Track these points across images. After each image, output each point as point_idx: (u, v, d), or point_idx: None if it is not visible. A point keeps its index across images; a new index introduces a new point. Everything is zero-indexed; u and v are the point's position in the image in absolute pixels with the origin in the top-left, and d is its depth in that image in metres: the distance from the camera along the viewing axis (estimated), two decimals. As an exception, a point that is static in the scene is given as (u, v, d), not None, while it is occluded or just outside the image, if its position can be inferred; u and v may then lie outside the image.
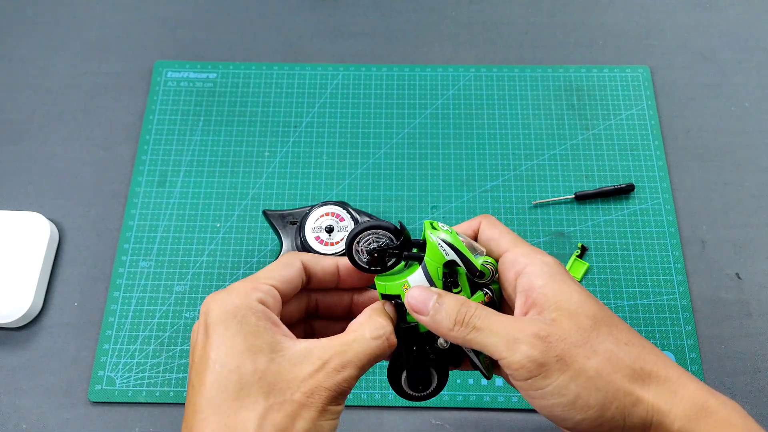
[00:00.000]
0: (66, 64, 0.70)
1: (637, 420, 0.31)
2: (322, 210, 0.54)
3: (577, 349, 0.31)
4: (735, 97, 0.67)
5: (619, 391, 0.31)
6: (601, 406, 0.31)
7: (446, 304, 0.34)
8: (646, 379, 0.32)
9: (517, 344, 0.31)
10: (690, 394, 0.32)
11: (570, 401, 0.31)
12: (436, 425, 0.53)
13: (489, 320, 0.33)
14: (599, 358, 0.31)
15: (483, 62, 0.70)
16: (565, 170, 0.63)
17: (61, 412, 0.54)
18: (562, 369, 0.31)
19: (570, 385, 0.31)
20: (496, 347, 0.32)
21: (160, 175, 0.63)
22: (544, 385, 0.31)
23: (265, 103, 0.67)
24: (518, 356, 0.31)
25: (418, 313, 0.34)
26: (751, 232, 0.61)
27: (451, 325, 0.33)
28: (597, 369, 0.31)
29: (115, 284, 0.58)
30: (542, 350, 0.31)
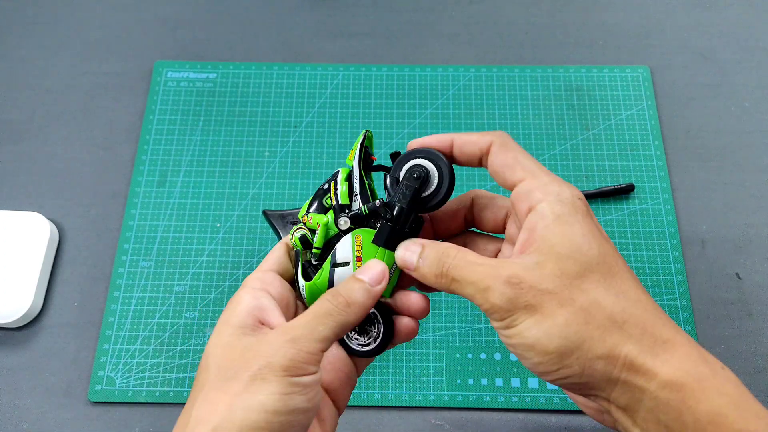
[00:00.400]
0: (66, 64, 0.70)
1: (599, 374, 0.30)
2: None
3: (549, 296, 0.31)
4: (735, 97, 0.67)
5: (585, 342, 0.30)
6: (559, 354, 0.30)
7: (428, 257, 0.34)
8: (627, 333, 0.30)
9: (488, 292, 0.31)
10: (678, 357, 0.30)
11: (530, 344, 0.31)
12: (436, 425, 0.53)
13: (465, 270, 0.33)
14: (573, 307, 0.30)
15: (483, 62, 0.70)
16: (565, 170, 0.63)
17: (61, 412, 0.54)
18: (529, 314, 0.31)
19: (532, 329, 0.31)
20: (473, 296, 0.32)
21: (160, 175, 0.63)
22: (512, 325, 0.31)
23: (265, 103, 0.67)
24: (488, 304, 0.32)
25: (408, 269, 0.35)
26: (751, 232, 0.61)
27: (434, 279, 0.34)
28: (566, 317, 0.30)
29: (115, 284, 0.58)
30: (510, 297, 0.31)
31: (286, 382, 0.30)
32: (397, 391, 0.54)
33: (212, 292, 0.58)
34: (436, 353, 0.56)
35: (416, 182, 0.36)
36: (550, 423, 0.53)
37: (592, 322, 0.30)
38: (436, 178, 0.36)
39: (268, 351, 0.31)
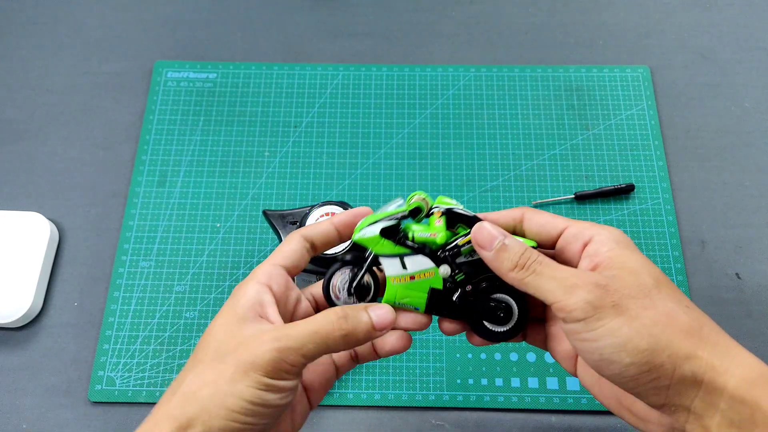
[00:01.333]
0: (66, 64, 0.70)
1: (689, 373, 0.31)
2: (321, 210, 0.52)
3: (635, 300, 0.32)
4: (735, 97, 0.67)
5: (673, 341, 0.31)
6: (652, 351, 0.31)
7: (511, 245, 0.35)
8: (703, 339, 0.32)
9: (574, 289, 0.32)
10: (748, 362, 0.31)
11: (621, 342, 0.31)
12: (436, 425, 0.53)
13: (549, 267, 0.34)
14: (657, 311, 0.32)
15: (483, 62, 0.70)
16: (565, 170, 0.63)
17: (61, 412, 0.54)
18: (617, 314, 0.32)
19: (623, 328, 0.31)
20: (553, 292, 0.33)
21: (160, 175, 0.63)
22: (597, 326, 0.32)
23: (265, 103, 0.67)
24: (574, 299, 0.32)
25: (482, 248, 0.35)
26: (751, 232, 0.61)
27: (511, 266, 0.34)
28: (653, 318, 0.32)
29: (115, 284, 0.58)
30: (598, 295, 0.32)
31: (263, 381, 0.33)
32: (397, 391, 0.54)
33: (212, 292, 0.58)
34: (436, 353, 0.56)
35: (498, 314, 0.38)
36: (550, 423, 0.53)
37: (674, 325, 0.32)
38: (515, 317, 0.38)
39: (257, 349, 0.33)
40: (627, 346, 0.31)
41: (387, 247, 0.37)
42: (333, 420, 0.54)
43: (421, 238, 0.37)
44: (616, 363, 0.32)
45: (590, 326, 0.32)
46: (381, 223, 0.36)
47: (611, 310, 0.32)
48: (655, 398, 0.32)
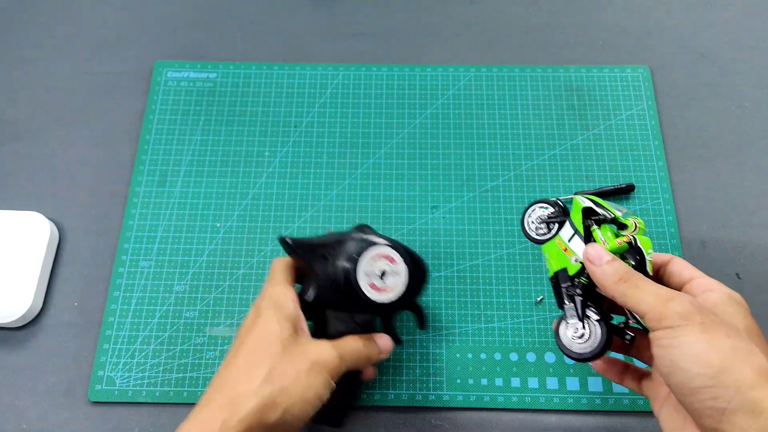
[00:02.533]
0: (66, 64, 0.70)
1: (750, 400, 0.32)
2: (373, 252, 0.46)
3: (719, 327, 0.35)
4: (735, 97, 0.67)
5: (744, 370, 0.33)
6: (721, 369, 0.33)
7: (616, 263, 0.40)
8: None
9: (669, 301, 0.36)
10: None
11: (695, 353, 0.34)
12: (436, 425, 0.53)
13: (649, 283, 0.38)
14: (738, 343, 0.34)
15: (483, 62, 0.70)
16: (565, 170, 0.63)
17: (61, 412, 0.54)
18: (701, 330, 0.35)
19: (702, 342, 0.34)
20: (649, 302, 0.37)
21: (160, 174, 0.63)
22: (679, 335, 0.35)
23: (266, 103, 0.67)
24: (667, 309, 0.36)
25: (591, 263, 0.41)
26: (751, 232, 0.61)
27: (615, 279, 0.39)
28: (732, 346, 0.34)
29: (115, 284, 0.58)
30: (690, 310, 0.35)
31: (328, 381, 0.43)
32: (397, 391, 0.54)
33: (212, 292, 0.58)
34: (436, 353, 0.56)
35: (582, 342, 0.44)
36: (550, 423, 0.53)
37: (750, 359, 0.34)
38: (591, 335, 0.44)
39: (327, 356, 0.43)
40: (700, 357, 0.34)
41: (577, 218, 0.44)
42: (333, 420, 0.54)
43: (596, 236, 0.43)
44: (685, 372, 0.34)
45: (674, 333, 0.35)
46: (596, 207, 0.44)
47: (697, 326, 0.35)
48: (710, 420, 0.34)
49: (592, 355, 0.43)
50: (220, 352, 0.56)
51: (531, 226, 0.48)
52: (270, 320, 0.43)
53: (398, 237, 0.60)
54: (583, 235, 0.44)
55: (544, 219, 0.47)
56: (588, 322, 0.43)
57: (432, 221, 0.61)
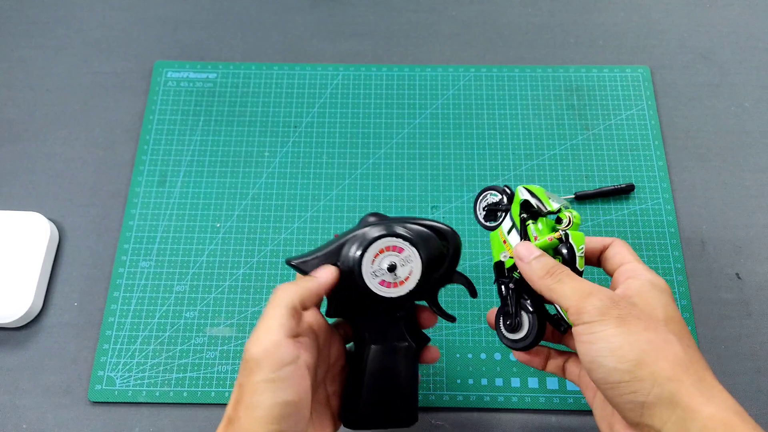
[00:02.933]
0: (66, 64, 0.70)
1: (667, 393, 0.33)
2: (375, 248, 0.43)
3: (639, 321, 0.36)
4: (735, 97, 0.67)
5: (660, 362, 0.34)
6: (637, 363, 0.34)
7: (543, 259, 0.41)
8: (690, 371, 0.34)
9: (589, 296, 0.37)
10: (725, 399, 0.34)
11: (612, 348, 0.34)
12: (436, 425, 0.53)
13: (573, 278, 0.39)
14: (655, 335, 0.35)
15: (483, 62, 0.70)
16: (565, 170, 0.63)
17: (61, 412, 0.54)
18: (618, 324, 0.35)
19: (618, 337, 0.35)
20: (571, 297, 0.37)
21: (160, 175, 0.63)
22: (597, 330, 0.35)
23: (265, 103, 0.67)
24: (586, 304, 0.36)
25: (520, 260, 0.41)
26: (751, 232, 0.61)
27: (542, 273, 0.40)
28: (648, 339, 0.35)
29: (115, 284, 0.58)
30: (608, 305, 0.36)
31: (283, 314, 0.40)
32: (397, 391, 0.54)
33: (212, 292, 0.58)
34: (436, 353, 0.56)
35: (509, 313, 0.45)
36: (549, 423, 0.53)
37: (667, 350, 0.35)
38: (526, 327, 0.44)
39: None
40: (616, 352, 0.34)
41: (516, 211, 0.45)
42: (333, 420, 0.54)
43: (529, 231, 0.44)
44: (603, 366, 0.35)
45: (592, 329, 0.36)
46: (533, 199, 0.43)
47: (614, 320, 0.35)
48: (632, 413, 0.35)
49: (524, 346, 0.44)
50: (220, 352, 0.56)
51: (481, 212, 0.48)
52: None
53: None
54: (519, 229, 0.44)
55: (491, 207, 0.47)
56: (522, 313, 0.44)
57: (432, 221, 0.61)
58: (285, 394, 0.36)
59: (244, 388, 0.37)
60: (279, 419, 0.36)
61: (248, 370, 0.37)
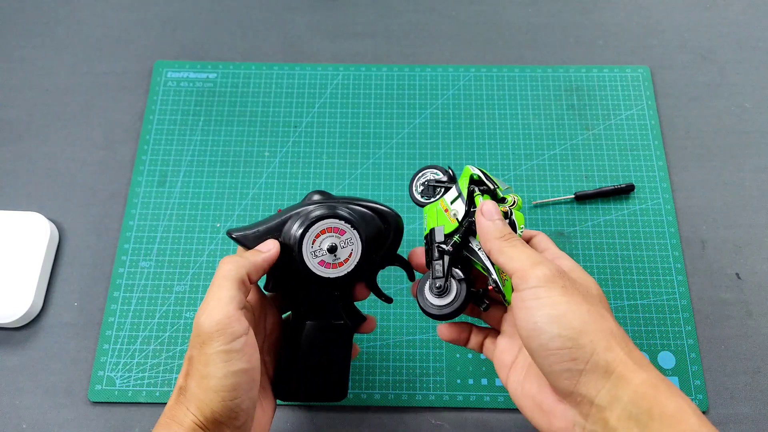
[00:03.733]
0: (66, 64, 0.70)
1: (603, 361, 0.34)
2: (316, 229, 0.43)
3: (579, 291, 0.37)
4: (735, 97, 0.67)
5: (599, 333, 0.35)
6: (580, 331, 0.35)
7: (503, 223, 0.42)
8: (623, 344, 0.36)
9: (538, 264, 0.38)
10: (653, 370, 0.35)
11: (557, 314, 0.35)
12: (436, 425, 0.53)
13: (525, 247, 0.40)
14: (593, 307, 0.37)
15: (483, 62, 0.70)
16: (565, 170, 0.63)
17: (61, 412, 0.54)
18: (563, 293, 0.36)
19: (563, 304, 0.36)
20: (522, 261, 0.38)
21: (160, 175, 0.63)
22: (543, 296, 0.36)
23: (265, 103, 0.67)
24: (535, 270, 0.37)
25: (484, 215, 0.42)
26: (751, 232, 0.61)
27: (499, 235, 0.41)
28: (589, 310, 0.36)
29: (115, 284, 0.58)
30: (555, 274, 0.37)
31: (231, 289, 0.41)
32: (397, 391, 0.54)
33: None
34: (436, 353, 0.56)
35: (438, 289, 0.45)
36: (550, 423, 0.53)
37: (604, 324, 0.36)
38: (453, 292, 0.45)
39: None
40: (561, 319, 0.35)
41: (464, 183, 0.46)
42: (333, 420, 0.54)
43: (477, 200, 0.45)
44: (547, 332, 0.35)
45: (538, 294, 0.36)
46: (485, 178, 0.45)
47: (560, 289, 0.36)
48: (567, 382, 0.35)
49: (450, 311, 0.44)
50: (220, 352, 0.56)
51: (418, 188, 0.49)
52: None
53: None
54: (465, 199, 0.45)
55: (432, 183, 0.48)
56: (451, 280, 0.44)
57: (432, 221, 0.61)
58: (238, 365, 0.38)
59: (196, 360, 0.38)
60: (232, 388, 0.38)
61: (200, 343, 0.38)
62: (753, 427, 0.53)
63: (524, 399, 0.41)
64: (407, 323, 0.57)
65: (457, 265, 0.45)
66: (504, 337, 0.45)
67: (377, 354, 0.56)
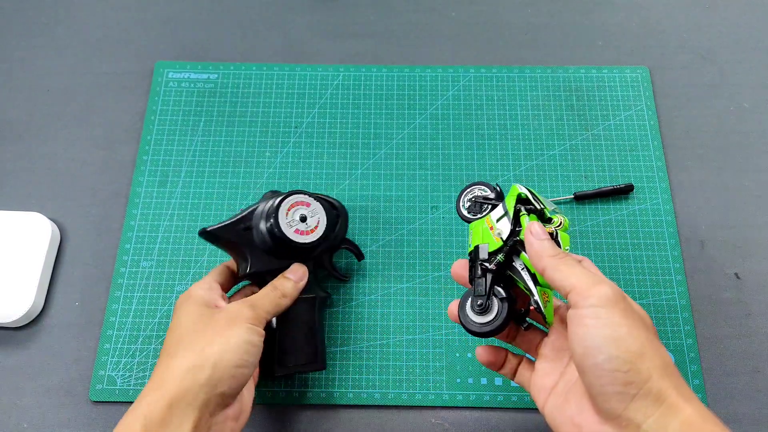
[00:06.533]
0: (67, 65, 0.70)
1: (657, 388, 0.34)
2: (286, 204, 0.52)
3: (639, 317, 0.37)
4: (735, 97, 0.68)
5: (655, 361, 0.35)
6: (639, 355, 0.35)
7: (552, 242, 0.42)
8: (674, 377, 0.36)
9: (600, 284, 0.37)
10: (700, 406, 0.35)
11: (617, 336, 0.35)
12: (436, 424, 0.54)
13: (580, 265, 0.40)
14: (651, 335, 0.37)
15: (483, 62, 0.70)
16: (565, 170, 0.64)
17: (62, 412, 0.54)
18: (623, 315, 0.36)
19: (623, 327, 0.36)
20: (582, 280, 0.38)
21: (161, 175, 0.64)
22: (604, 315, 0.36)
23: (266, 104, 0.67)
24: (597, 289, 0.37)
25: (533, 235, 0.42)
26: (750, 232, 0.61)
27: (553, 253, 0.41)
28: (647, 336, 0.36)
29: (117, 284, 0.59)
30: (617, 297, 0.37)
31: (250, 327, 0.45)
32: (397, 391, 0.54)
33: (213, 292, 0.58)
34: (436, 353, 0.56)
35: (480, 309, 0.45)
36: (549, 422, 0.53)
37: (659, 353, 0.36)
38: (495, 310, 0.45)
39: (235, 311, 0.46)
40: (620, 342, 0.35)
41: (511, 202, 0.46)
42: (333, 419, 0.54)
43: (522, 220, 0.45)
44: (604, 353, 0.35)
45: (598, 313, 0.36)
46: (532, 198, 0.45)
47: (621, 311, 0.36)
48: (617, 405, 0.35)
49: (491, 330, 0.44)
50: (220, 352, 0.56)
51: (465, 204, 0.50)
52: (180, 315, 0.46)
53: (398, 237, 0.61)
54: (512, 217, 0.45)
55: (480, 200, 0.49)
56: (493, 298, 0.44)
57: (432, 221, 0.61)
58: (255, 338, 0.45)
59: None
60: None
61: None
62: (753, 426, 0.53)
63: (563, 422, 0.40)
64: (407, 323, 0.57)
65: (500, 284, 0.45)
66: (544, 361, 0.44)
67: (377, 354, 0.56)
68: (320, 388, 0.55)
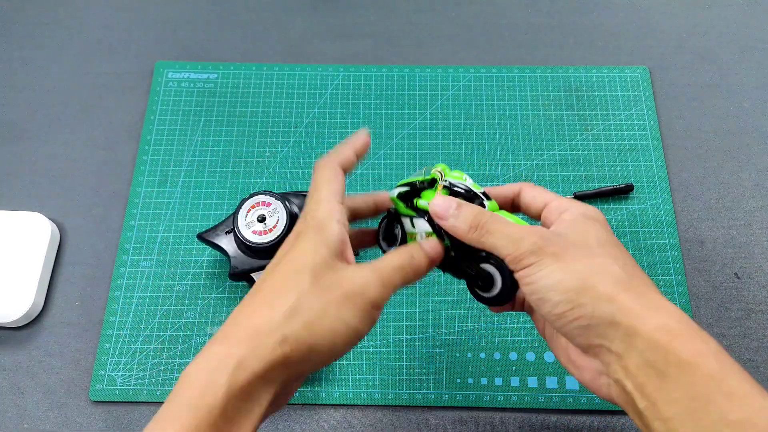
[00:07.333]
0: (67, 65, 0.70)
1: (607, 313, 0.34)
2: (247, 204, 0.54)
3: (574, 251, 0.36)
4: (734, 97, 0.68)
5: (598, 285, 0.35)
6: (577, 290, 0.34)
7: (464, 211, 0.39)
8: (629, 288, 0.35)
9: (520, 241, 0.36)
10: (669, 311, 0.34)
11: (554, 283, 0.35)
12: (436, 424, 0.54)
13: (500, 225, 0.38)
14: (592, 261, 0.36)
15: (483, 62, 0.70)
16: (565, 170, 0.64)
17: (62, 412, 0.54)
18: (555, 260, 0.36)
19: (557, 271, 0.35)
20: (505, 246, 0.37)
21: (161, 175, 0.64)
22: (537, 271, 0.36)
23: (266, 104, 0.67)
24: (520, 250, 0.36)
25: (439, 218, 0.39)
26: (750, 232, 0.61)
27: (467, 228, 0.38)
28: (585, 265, 0.35)
29: (116, 284, 0.59)
30: (540, 245, 0.36)
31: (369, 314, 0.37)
32: (397, 391, 0.54)
33: (213, 292, 0.58)
34: (436, 353, 0.56)
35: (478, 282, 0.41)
36: (549, 422, 0.53)
37: (604, 272, 0.35)
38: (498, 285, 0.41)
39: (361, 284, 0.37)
40: (557, 285, 0.35)
41: (402, 208, 0.42)
42: (333, 419, 0.54)
43: (422, 206, 0.40)
44: (549, 301, 0.35)
45: (532, 271, 0.36)
46: (399, 188, 0.41)
47: (551, 258, 0.36)
48: (581, 339, 0.35)
49: (500, 296, 0.40)
50: (220, 352, 0.56)
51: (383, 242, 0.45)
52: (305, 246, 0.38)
53: (398, 237, 0.61)
54: (415, 215, 0.41)
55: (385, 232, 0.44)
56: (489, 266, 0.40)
57: (432, 221, 0.61)
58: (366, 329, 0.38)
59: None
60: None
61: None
62: (752, 426, 0.53)
63: (560, 354, 0.40)
64: (407, 323, 0.57)
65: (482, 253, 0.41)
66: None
67: (377, 354, 0.56)
68: (320, 388, 0.55)
